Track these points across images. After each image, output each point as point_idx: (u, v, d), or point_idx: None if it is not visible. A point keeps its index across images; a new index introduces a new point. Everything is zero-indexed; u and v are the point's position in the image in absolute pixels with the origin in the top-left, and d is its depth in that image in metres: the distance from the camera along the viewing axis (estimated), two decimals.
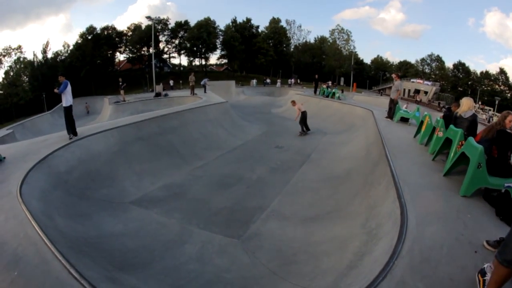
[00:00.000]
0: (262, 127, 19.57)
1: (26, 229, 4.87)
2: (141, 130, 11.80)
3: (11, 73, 61.64)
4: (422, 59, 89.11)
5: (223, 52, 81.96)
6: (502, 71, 79.31)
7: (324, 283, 4.59)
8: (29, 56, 65.31)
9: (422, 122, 10.51)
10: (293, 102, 17.95)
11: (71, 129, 9.90)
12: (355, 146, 12.59)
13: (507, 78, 78.23)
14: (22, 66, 62.94)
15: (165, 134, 12.71)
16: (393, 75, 15.09)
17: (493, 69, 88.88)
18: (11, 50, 63.34)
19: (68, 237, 5.47)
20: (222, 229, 7.07)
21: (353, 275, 4.29)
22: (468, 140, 6.01)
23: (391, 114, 14.60)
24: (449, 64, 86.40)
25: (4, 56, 62.72)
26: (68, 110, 9.91)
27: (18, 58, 63.26)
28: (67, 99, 9.87)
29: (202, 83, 28.86)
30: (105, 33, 72.27)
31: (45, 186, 7.14)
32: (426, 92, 65.75)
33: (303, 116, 16.15)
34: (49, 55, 67.70)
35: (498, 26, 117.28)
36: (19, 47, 63.84)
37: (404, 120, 13.96)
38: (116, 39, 74.68)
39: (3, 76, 61.68)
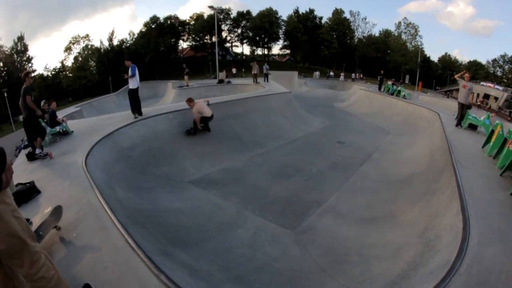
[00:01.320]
0: (324, 120, 19.39)
1: (88, 196, 5.33)
2: None
3: (80, 59, 68.13)
4: (494, 60, 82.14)
5: (285, 43, 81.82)
6: None
7: None
8: (96, 44, 71.65)
9: (492, 132, 9.89)
10: (190, 101, 11.44)
11: (137, 109, 10.62)
12: (419, 150, 12.15)
13: None
14: (89, 52, 69.16)
15: (227, 119, 13.03)
16: (466, 74, 12.62)
17: None
18: (80, 39, 69.73)
19: (126, 208, 5.86)
20: (276, 218, 7.18)
21: (404, 285, 4.26)
22: None
23: (461, 122, 13.12)
24: None
25: (73, 43, 69.34)
26: (135, 92, 10.63)
27: (86, 45, 69.62)
28: (134, 82, 10.55)
29: (264, 71, 28.85)
30: (168, 22, 76.29)
31: (109, 159, 7.73)
32: (496, 98, 58.62)
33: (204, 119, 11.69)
34: (115, 42, 73.04)
35: None
36: (87, 35, 70.37)
37: (473, 127, 13.26)
38: (179, 28, 77.99)
39: (73, 61, 68.42)
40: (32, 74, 8.10)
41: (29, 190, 5.79)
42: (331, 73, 61.95)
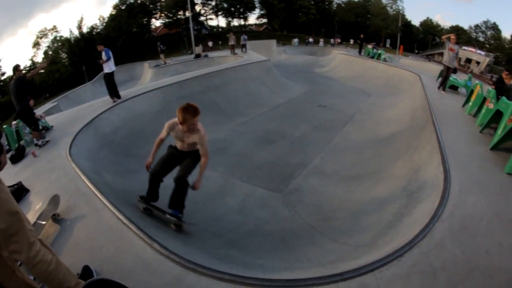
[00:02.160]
0: (305, 86, 19.30)
1: (76, 184, 5.29)
2: (183, 89, 12.09)
3: (50, 52, 64.78)
4: (476, 26, 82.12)
5: (262, 12, 79.84)
6: None
7: (362, 240, 4.69)
8: (66, 34, 67.91)
9: (472, 91, 10.10)
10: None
11: (114, 93, 10.44)
12: (400, 110, 12.32)
13: None
14: (59, 44, 65.97)
15: (207, 92, 12.92)
16: (451, 36, 12.12)
17: None
18: (47, 31, 65.97)
19: (115, 190, 5.80)
20: (264, 183, 7.27)
21: (391, 234, 4.38)
22: None
23: (445, 84, 12.67)
24: (506, 34, 79.87)
25: (41, 38, 65.50)
26: (111, 76, 10.46)
27: (55, 37, 66.00)
28: (110, 65, 10.36)
29: (242, 41, 28.40)
30: (139, 1, 72.78)
31: (93, 146, 7.63)
32: (478, 63, 59.61)
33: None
34: (85, 30, 69.35)
35: None
36: (54, 27, 66.37)
37: (454, 88, 13.44)
38: (150, 6, 74.61)
39: (43, 56, 64.70)
40: (22, 67, 7.97)
41: (18, 191, 5.67)
42: (310, 40, 61.11)
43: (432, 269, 3.31)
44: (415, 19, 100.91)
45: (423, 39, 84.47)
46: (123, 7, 70.14)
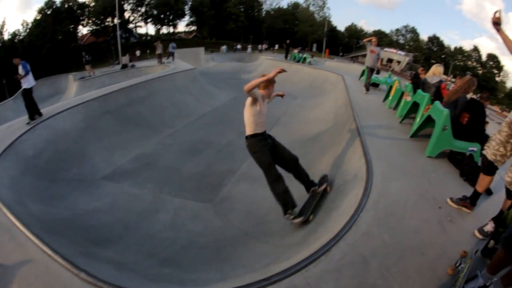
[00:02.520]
0: (232, 93, 19.31)
1: None
2: (108, 103, 11.42)
3: None
4: (397, 30, 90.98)
5: (191, 19, 79.44)
6: (475, 49, 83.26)
7: (294, 240, 4.70)
8: None
9: (391, 87, 10.67)
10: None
11: (35, 110, 9.49)
12: (325, 109, 12.68)
13: (480, 56, 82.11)
14: None
15: (133, 105, 12.36)
16: (373, 39, 12.51)
17: (467, 46, 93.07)
18: None
19: (42, 221, 5.40)
20: (194, 195, 7.13)
21: (321, 230, 4.38)
22: (434, 103, 6.30)
23: (367, 86, 12.92)
24: (423, 36, 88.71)
25: None
26: (29, 92, 9.59)
27: None
28: (29, 80, 9.53)
29: (170, 49, 27.92)
30: (66, 6, 66.80)
31: (14, 173, 6.90)
32: (399, 62, 66.20)
33: None
34: (6, 36, 62.20)
35: (475, 6, 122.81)
36: None
37: (375, 85, 14.04)
38: (78, 11, 69.43)
39: None
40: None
41: None
42: (239, 46, 61.93)
43: (362, 257, 3.34)
44: (341, 25, 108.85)
45: (348, 43, 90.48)
46: (49, 12, 64.14)
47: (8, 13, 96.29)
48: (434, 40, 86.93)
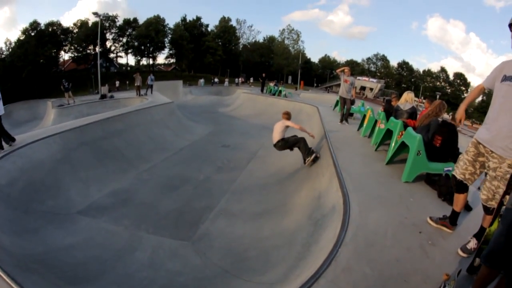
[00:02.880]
0: (209, 127, 19.43)
1: None
2: (84, 134, 11.21)
3: None
4: (368, 58, 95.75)
5: (171, 51, 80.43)
6: (443, 70, 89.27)
7: (275, 276, 4.61)
8: None
9: (364, 116, 10.91)
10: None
11: (7, 136, 8.88)
12: None
13: (447, 76, 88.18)
14: None
15: (110, 137, 12.19)
16: (345, 69, 12.49)
17: (435, 68, 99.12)
18: None
19: (14, 255, 5.15)
20: (171, 233, 6.97)
21: (302, 266, 4.31)
22: (407, 129, 6.45)
23: (346, 115, 12.89)
24: (393, 63, 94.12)
25: None
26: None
27: None
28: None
29: (148, 82, 27.83)
30: (50, 29, 67.13)
31: None
32: (371, 89, 69.31)
33: None
34: None
35: (439, 30, 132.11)
36: None
37: (349, 114, 14.32)
38: (61, 36, 69.65)
39: None
40: None
41: None
42: (216, 80, 62.96)
43: None
44: (315, 57, 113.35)
45: (322, 74, 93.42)
46: (33, 33, 63.49)
47: None
48: (404, 65, 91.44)
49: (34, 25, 64.70)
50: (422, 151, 5.72)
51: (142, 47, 76.52)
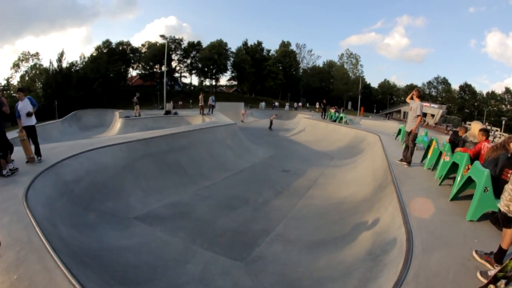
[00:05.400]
0: (269, 150, 19.59)
1: (30, 235, 4.85)
2: (150, 146, 11.85)
3: (27, 78, 63.68)
4: (429, 82, 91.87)
5: (233, 74, 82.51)
6: (508, 91, 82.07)
7: None
8: (46, 64, 67.25)
9: (429, 147, 10.52)
10: None
11: (39, 150, 8.81)
12: (362, 171, 12.55)
13: None
14: (37, 72, 64.69)
15: (173, 152, 12.75)
16: (414, 93, 9.80)
17: (498, 89, 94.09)
18: (30, 56, 65.41)
19: (70, 247, 5.46)
20: (226, 251, 7.00)
21: None
22: (474, 164, 6.13)
23: (409, 154, 10.11)
24: (455, 86, 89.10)
25: (22, 60, 65.17)
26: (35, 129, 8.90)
27: (35, 64, 65.18)
28: (34, 117, 8.86)
29: (210, 102, 29.10)
30: (120, 48, 73.86)
31: (51, 193, 7.13)
32: (433, 115, 65.08)
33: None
34: (64, 64, 68.48)
35: (499, 46, 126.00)
36: (37, 53, 66.09)
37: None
38: (130, 54, 76.05)
39: (19, 80, 64.22)
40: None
41: None
42: (277, 104, 63.42)
43: None
44: (374, 82, 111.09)
45: (382, 99, 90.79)
46: (105, 50, 70.04)
47: (72, 44, 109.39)
48: (466, 88, 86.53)
49: (107, 43, 71.44)
50: (490, 188, 5.39)
51: (205, 69, 79.40)
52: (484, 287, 3.38)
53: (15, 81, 64.36)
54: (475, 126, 7.81)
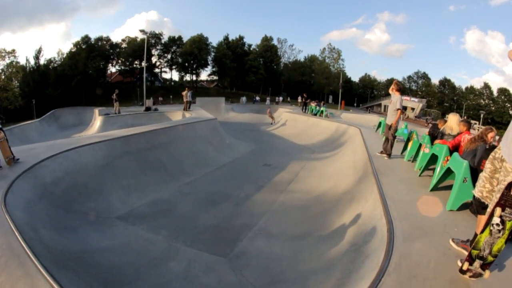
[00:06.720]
0: (250, 145, 19.59)
1: (9, 240, 4.65)
2: (129, 144, 11.65)
3: (3, 77, 60.18)
4: (409, 77, 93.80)
5: (214, 69, 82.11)
6: (486, 86, 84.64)
7: None
8: (22, 61, 64.47)
9: (408, 139, 10.65)
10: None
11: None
12: (343, 163, 12.66)
13: (491, 92, 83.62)
14: (14, 70, 61.39)
15: (153, 149, 12.57)
16: (393, 87, 9.68)
17: (476, 84, 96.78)
18: (5, 53, 61.72)
19: (52, 251, 5.30)
20: (209, 247, 6.97)
21: None
22: (453, 155, 6.28)
23: (389, 147, 10.13)
24: (435, 80, 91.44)
25: None
26: None
27: (11, 62, 61.64)
28: None
29: (188, 98, 28.65)
30: (99, 43, 72.06)
31: (31, 196, 6.90)
32: (413, 109, 67.27)
33: None
34: (42, 61, 66.55)
35: (477, 43, 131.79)
36: (13, 50, 62.15)
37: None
38: (110, 50, 74.41)
39: None
40: None
41: None
42: (258, 98, 63.44)
43: None
44: (355, 76, 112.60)
45: (363, 93, 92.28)
46: (83, 46, 68.11)
47: (51, 40, 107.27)
48: (445, 82, 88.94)
49: (86, 39, 69.38)
50: (468, 178, 5.53)
51: (186, 64, 78.95)
52: (461, 269, 3.48)
53: None
54: (452, 119, 7.98)
